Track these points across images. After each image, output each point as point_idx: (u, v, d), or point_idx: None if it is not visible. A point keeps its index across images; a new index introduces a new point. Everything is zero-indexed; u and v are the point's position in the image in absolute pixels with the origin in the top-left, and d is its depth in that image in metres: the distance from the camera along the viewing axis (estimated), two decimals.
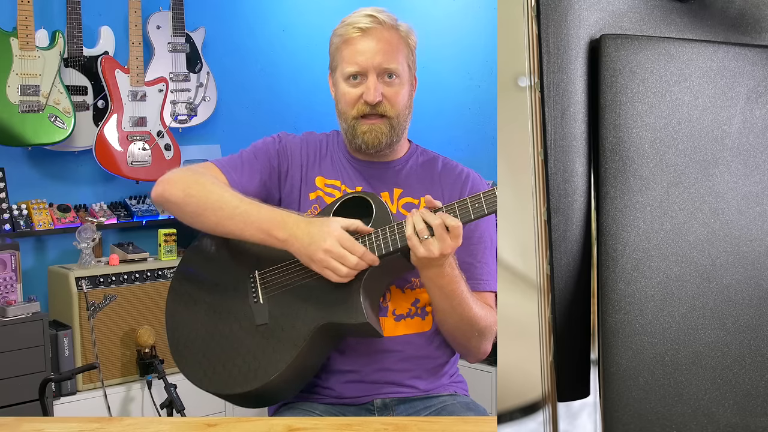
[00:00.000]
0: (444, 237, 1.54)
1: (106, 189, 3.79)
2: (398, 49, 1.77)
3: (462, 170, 1.90)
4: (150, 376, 3.42)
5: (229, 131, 4.18)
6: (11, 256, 3.23)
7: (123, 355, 3.43)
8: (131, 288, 3.46)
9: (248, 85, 4.26)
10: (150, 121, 3.67)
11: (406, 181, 1.84)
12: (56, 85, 3.40)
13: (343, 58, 1.76)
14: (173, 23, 3.82)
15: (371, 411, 1.74)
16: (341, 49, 1.77)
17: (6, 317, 3.12)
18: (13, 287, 3.24)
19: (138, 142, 3.63)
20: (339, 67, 1.78)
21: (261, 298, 1.66)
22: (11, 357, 3.10)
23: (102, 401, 3.34)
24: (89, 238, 3.47)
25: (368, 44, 1.73)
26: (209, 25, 4.01)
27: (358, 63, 1.73)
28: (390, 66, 1.74)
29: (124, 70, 3.61)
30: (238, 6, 4.21)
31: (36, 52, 3.35)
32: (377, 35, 1.74)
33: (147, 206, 3.81)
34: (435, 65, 4.41)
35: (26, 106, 3.33)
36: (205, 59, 3.95)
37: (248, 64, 4.25)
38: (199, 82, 3.92)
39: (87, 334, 3.34)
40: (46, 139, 3.39)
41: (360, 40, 1.74)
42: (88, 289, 3.34)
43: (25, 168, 3.56)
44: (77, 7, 3.49)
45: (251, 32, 4.25)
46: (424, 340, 1.77)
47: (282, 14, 4.33)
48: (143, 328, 3.44)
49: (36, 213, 3.49)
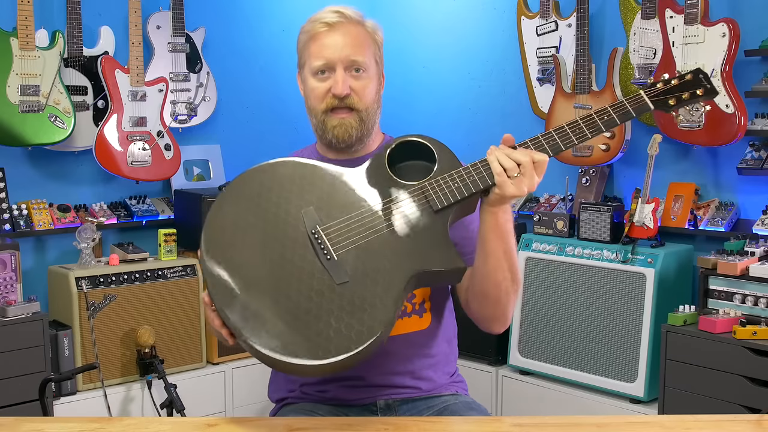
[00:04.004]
0: (532, 173, 1.53)
1: (106, 189, 3.78)
2: (365, 44, 1.76)
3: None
4: (150, 376, 3.42)
5: (229, 131, 4.18)
6: (11, 256, 3.23)
7: (123, 355, 3.43)
8: (131, 288, 3.46)
9: (248, 85, 4.26)
10: (150, 121, 3.67)
11: None
12: (56, 85, 3.40)
13: (310, 53, 1.76)
14: (173, 23, 3.82)
15: (374, 412, 1.74)
16: (308, 45, 1.77)
17: (6, 317, 3.11)
18: (13, 287, 3.23)
19: (138, 142, 3.63)
20: (307, 63, 1.78)
21: (334, 255, 1.52)
22: (11, 357, 3.09)
23: (102, 401, 3.33)
24: (89, 238, 3.47)
25: (335, 38, 1.73)
26: (209, 25, 4.01)
27: (326, 57, 1.73)
28: (357, 58, 1.74)
29: (124, 70, 3.60)
30: (238, 6, 4.21)
31: (36, 52, 3.35)
32: (344, 29, 1.75)
33: (147, 206, 3.80)
34: (435, 65, 4.41)
35: (26, 106, 3.33)
36: (205, 59, 3.95)
37: (248, 64, 4.25)
38: (199, 82, 3.92)
39: (87, 334, 3.34)
40: (46, 139, 3.39)
41: (327, 34, 1.74)
42: (88, 289, 3.34)
43: (25, 168, 3.56)
44: (77, 7, 3.49)
45: (251, 32, 4.25)
46: (422, 337, 1.77)
47: (282, 14, 4.33)
48: (143, 328, 3.44)
49: (36, 213, 3.49)
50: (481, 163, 1.57)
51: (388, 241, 1.53)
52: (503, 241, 1.61)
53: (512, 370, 3.60)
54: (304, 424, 1.54)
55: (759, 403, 2.76)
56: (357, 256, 1.51)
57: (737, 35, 3.07)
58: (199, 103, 3.92)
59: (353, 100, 1.74)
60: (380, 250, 1.52)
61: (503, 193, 1.54)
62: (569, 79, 3.63)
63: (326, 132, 1.76)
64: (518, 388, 3.55)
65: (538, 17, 3.77)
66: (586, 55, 3.50)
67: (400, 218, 1.56)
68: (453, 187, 1.56)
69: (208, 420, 1.55)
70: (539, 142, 1.58)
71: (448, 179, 1.57)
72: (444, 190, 1.56)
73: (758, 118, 3.11)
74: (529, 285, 3.53)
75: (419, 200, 1.57)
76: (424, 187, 1.58)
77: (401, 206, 1.57)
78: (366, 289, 1.48)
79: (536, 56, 3.79)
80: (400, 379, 1.75)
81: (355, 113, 1.75)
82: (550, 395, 3.43)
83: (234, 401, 3.71)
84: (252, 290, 1.48)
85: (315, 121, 1.79)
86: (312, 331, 1.44)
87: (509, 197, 1.55)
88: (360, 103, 1.74)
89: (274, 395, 1.85)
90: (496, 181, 1.53)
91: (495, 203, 1.58)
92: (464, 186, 1.56)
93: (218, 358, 3.70)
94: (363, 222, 1.55)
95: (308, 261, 1.51)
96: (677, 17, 3.20)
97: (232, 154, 4.15)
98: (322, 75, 1.74)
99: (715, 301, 3.04)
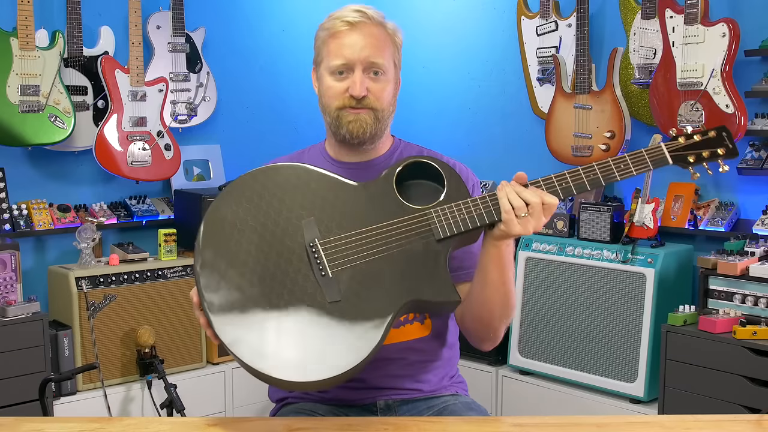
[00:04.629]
0: (540, 215, 1.52)
1: (106, 189, 3.78)
2: (385, 46, 1.74)
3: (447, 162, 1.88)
4: (150, 376, 3.42)
5: (229, 131, 4.18)
6: (11, 256, 3.23)
7: (123, 355, 3.43)
8: (131, 288, 3.46)
9: (248, 85, 4.26)
10: (150, 121, 3.67)
11: None
12: (56, 85, 3.40)
13: (329, 51, 1.73)
14: (173, 23, 3.82)
15: (374, 412, 1.74)
16: (328, 42, 1.73)
17: (6, 317, 3.11)
18: (13, 287, 3.23)
19: (138, 142, 3.63)
20: (324, 60, 1.75)
21: (329, 271, 1.50)
22: (11, 357, 3.09)
23: (102, 401, 3.33)
24: (89, 238, 3.47)
25: (355, 38, 1.70)
26: (209, 25, 4.00)
27: (345, 56, 1.70)
28: (377, 60, 1.71)
29: (124, 70, 3.60)
30: (238, 6, 4.21)
31: (36, 52, 3.35)
32: (365, 30, 1.72)
33: (147, 206, 3.80)
34: (435, 65, 4.41)
35: (26, 106, 3.33)
36: (205, 59, 3.95)
37: (248, 64, 4.25)
38: (199, 82, 3.92)
39: (87, 334, 3.34)
40: (46, 139, 3.39)
41: (347, 34, 1.71)
42: (88, 289, 3.34)
43: (25, 168, 3.56)
44: (77, 7, 3.49)
45: (251, 32, 4.25)
46: (424, 344, 1.77)
47: (282, 14, 4.33)
48: (143, 328, 3.44)
49: (36, 213, 3.49)
50: (490, 197, 1.55)
51: (386, 265, 1.51)
52: (502, 273, 1.62)
53: (512, 370, 3.60)
54: (304, 424, 1.54)
55: (759, 403, 2.76)
56: (352, 276, 1.50)
57: (737, 35, 3.07)
58: (199, 103, 3.92)
59: (370, 101, 1.72)
60: (376, 274, 1.50)
61: (509, 231, 1.53)
62: (569, 79, 3.63)
63: (341, 127, 1.73)
64: (518, 388, 3.55)
65: (538, 17, 3.77)
66: (586, 55, 3.50)
67: (401, 243, 1.54)
68: (458, 218, 1.54)
69: (208, 420, 1.55)
70: (552, 184, 1.56)
71: (455, 209, 1.55)
72: (449, 220, 1.54)
73: (758, 118, 3.11)
74: (529, 285, 3.53)
75: (422, 227, 1.55)
76: (429, 213, 1.55)
77: (403, 230, 1.55)
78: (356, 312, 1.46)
79: (536, 56, 3.79)
80: (401, 382, 1.75)
81: (371, 111, 1.72)
82: (550, 395, 3.43)
83: (234, 401, 3.71)
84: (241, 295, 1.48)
85: (329, 118, 1.76)
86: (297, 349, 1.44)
87: (514, 235, 1.54)
88: (377, 102, 1.72)
89: (274, 395, 1.85)
90: (503, 218, 1.52)
91: (499, 238, 1.57)
92: (470, 218, 1.54)
93: (218, 358, 3.70)
94: (363, 241, 1.53)
95: (302, 274, 1.50)
96: (677, 17, 3.20)
97: (232, 154, 4.15)
98: (340, 75, 1.72)
99: (715, 301, 3.04)
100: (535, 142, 3.88)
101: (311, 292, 1.48)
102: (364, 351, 1.43)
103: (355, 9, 1.73)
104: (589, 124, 3.51)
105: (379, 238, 1.54)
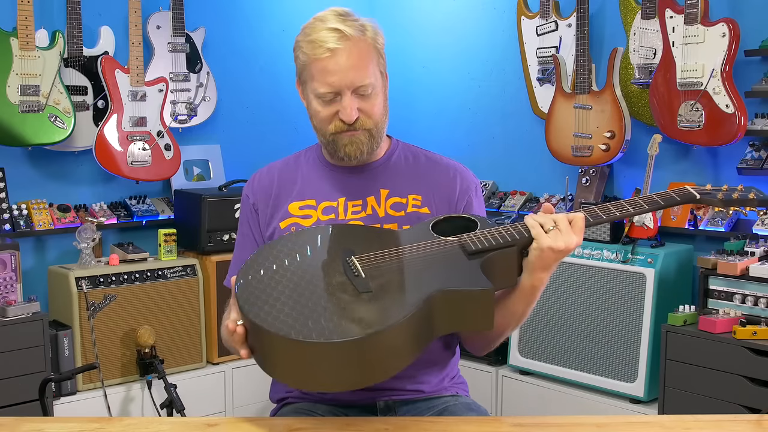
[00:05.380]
0: (568, 229, 1.54)
1: (106, 189, 3.78)
2: (369, 59, 1.70)
3: (448, 164, 1.86)
4: (150, 376, 3.42)
5: (229, 131, 4.18)
6: (11, 256, 3.23)
7: (123, 355, 3.43)
8: (131, 288, 3.46)
9: (248, 85, 4.26)
10: (150, 121, 3.67)
11: (390, 181, 1.81)
12: (56, 85, 3.40)
13: (313, 76, 1.68)
14: (173, 23, 3.82)
15: (374, 412, 1.74)
16: (309, 67, 1.68)
17: (6, 317, 3.11)
18: (13, 287, 3.23)
19: (138, 142, 3.63)
20: (309, 84, 1.72)
21: (362, 272, 1.52)
22: (11, 357, 3.09)
23: (102, 401, 3.34)
24: (89, 238, 3.47)
25: (338, 62, 1.65)
26: (209, 25, 4.01)
27: (331, 84, 1.66)
28: (363, 82, 1.67)
29: (124, 70, 3.60)
30: (238, 6, 4.21)
31: (36, 52, 3.35)
32: (345, 52, 1.65)
33: (147, 206, 3.80)
34: (435, 65, 4.41)
35: (26, 106, 3.33)
36: (205, 59, 3.95)
37: (248, 64, 4.25)
38: (199, 82, 3.92)
39: (87, 334, 3.34)
40: (46, 139, 3.39)
41: (329, 60, 1.65)
42: (88, 289, 3.34)
43: (25, 168, 3.56)
44: (77, 7, 3.49)
45: (251, 32, 4.25)
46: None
47: (282, 14, 4.33)
48: (143, 328, 3.44)
49: (36, 213, 3.49)
50: (519, 223, 1.61)
51: (417, 271, 1.55)
52: (527, 306, 1.64)
53: (512, 370, 3.60)
54: (304, 424, 1.54)
55: (759, 403, 2.76)
56: (383, 274, 1.53)
57: (737, 35, 3.07)
58: (199, 103, 3.92)
59: (363, 121, 1.70)
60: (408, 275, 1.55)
61: (540, 245, 1.53)
62: (569, 79, 3.63)
63: (338, 150, 1.73)
64: (518, 388, 3.55)
65: (538, 17, 3.77)
66: (586, 55, 3.50)
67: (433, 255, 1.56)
68: (490, 236, 1.58)
69: (208, 420, 1.55)
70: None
71: (486, 232, 1.59)
72: (480, 238, 1.58)
73: (758, 118, 3.11)
74: None
75: (454, 245, 1.58)
76: (462, 237, 1.60)
77: (437, 246, 1.58)
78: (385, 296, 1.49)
79: (536, 56, 3.79)
80: (401, 383, 1.74)
81: (365, 131, 1.71)
82: (550, 395, 3.43)
83: (234, 401, 3.71)
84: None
85: (324, 140, 1.75)
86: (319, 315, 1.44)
87: (546, 249, 1.53)
88: (369, 121, 1.71)
89: (275, 395, 1.85)
90: (532, 233, 1.55)
91: (535, 260, 1.56)
92: (500, 236, 1.57)
93: (218, 358, 3.70)
94: (395, 256, 1.57)
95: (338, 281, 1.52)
96: (677, 17, 3.20)
97: (232, 154, 4.14)
98: (327, 100, 1.69)
99: (715, 301, 3.04)
100: (535, 142, 3.88)
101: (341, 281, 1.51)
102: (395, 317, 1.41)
103: (332, 28, 1.67)
104: (589, 124, 3.51)
105: (412, 254, 1.58)
